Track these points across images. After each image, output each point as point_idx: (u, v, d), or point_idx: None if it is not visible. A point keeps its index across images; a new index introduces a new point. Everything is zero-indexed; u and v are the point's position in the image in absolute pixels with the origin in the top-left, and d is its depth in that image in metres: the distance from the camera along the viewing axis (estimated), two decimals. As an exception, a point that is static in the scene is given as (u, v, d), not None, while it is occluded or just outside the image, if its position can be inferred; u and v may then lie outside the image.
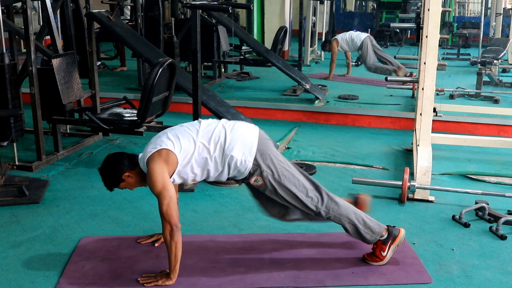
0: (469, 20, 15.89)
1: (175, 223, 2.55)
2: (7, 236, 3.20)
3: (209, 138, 2.68)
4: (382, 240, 2.83)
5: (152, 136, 2.86)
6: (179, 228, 2.57)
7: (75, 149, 4.89)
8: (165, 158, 2.61)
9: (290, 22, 11.59)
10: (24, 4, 4.16)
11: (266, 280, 2.71)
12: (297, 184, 2.73)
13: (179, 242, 2.59)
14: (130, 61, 9.05)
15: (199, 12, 3.94)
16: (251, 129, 2.78)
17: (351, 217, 2.80)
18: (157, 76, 3.87)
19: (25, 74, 4.45)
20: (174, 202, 2.56)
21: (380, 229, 2.82)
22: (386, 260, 2.85)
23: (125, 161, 2.74)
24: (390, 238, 2.83)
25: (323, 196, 2.77)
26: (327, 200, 2.77)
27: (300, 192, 2.73)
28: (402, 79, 6.37)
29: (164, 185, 2.56)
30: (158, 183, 2.56)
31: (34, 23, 4.71)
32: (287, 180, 2.71)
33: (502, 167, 4.63)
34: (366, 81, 8.65)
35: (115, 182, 2.77)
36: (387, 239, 2.83)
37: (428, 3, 3.89)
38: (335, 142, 5.37)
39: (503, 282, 2.73)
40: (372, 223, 2.83)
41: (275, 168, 2.70)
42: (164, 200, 2.55)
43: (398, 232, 2.86)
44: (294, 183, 2.72)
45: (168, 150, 2.62)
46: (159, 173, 2.57)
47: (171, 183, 2.62)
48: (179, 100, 5.95)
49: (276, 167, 2.70)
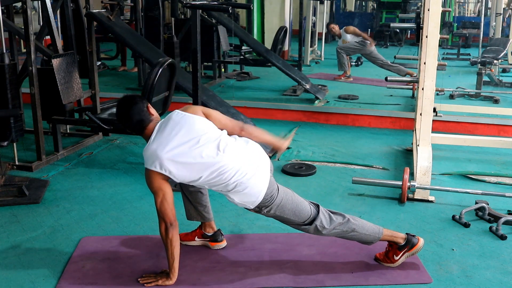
0: (469, 20, 15.89)
1: (170, 220, 2.54)
2: (7, 236, 3.20)
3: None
4: (398, 246, 2.82)
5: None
6: (174, 226, 2.55)
7: (75, 149, 4.89)
8: (160, 178, 2.55)
9: (290, 22, 11.59)
10: (24, 4, 4.16)
11: (266, 280, 2.72)
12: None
13: (175, 239, 2.57)
14: (130, 61, 9.05)
15: (199, 12, 3.94)
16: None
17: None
18: (157, 76, 3.87)
19: (25, 74, 4.46)
20: (168, 200, 2.54)
21: (375, 231, 2.82)
22: (397, 264, 2.85)
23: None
24: (407, 246, 2.82)
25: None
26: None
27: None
28: (402, 79, 6.38)
29: (158, 188, 2.54)
30: (153, 186, 2.55)
31: (34, 23, 4.70)
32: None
33: (502, 167, 4.63)
34: (366, 81, 8.65)
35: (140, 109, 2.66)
36: (404, 246, 2.82)
37: (428, 3, 3.89)
38: (335, 142, 5.37)
39: (503, 282, 2.73)
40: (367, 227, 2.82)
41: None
42: (158, 198, 2.54)
43: (417, 242, 2.83)
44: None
45: (157, 176, 2.55)
46: (153, 181, 2.55)
47: (167, 185, 2.56)
48: (179, 100, 5.93)
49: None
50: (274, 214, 2.69)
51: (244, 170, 2.57)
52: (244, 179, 2.56)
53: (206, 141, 2.56)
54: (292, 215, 2.69)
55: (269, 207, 2.65)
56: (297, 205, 2.70)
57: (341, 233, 2.77)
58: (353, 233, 2.77)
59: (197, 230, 3.09)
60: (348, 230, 2.76)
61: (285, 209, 2.68)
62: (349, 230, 2.76)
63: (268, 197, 2.62)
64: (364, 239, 2.82)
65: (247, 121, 4.74)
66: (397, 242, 2.82)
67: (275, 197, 2.64)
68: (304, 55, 10.07)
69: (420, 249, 2.84)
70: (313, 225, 2.71)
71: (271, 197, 2.63)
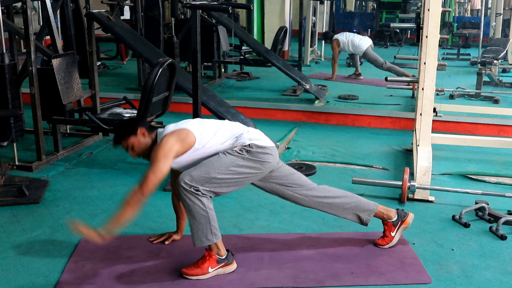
0: (469, 20, 15.89)
1: (144, 192, 2.54)
2: (7, 236, 3.20)
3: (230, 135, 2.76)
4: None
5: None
6: (143, 198, 2.54)
7: (75, 149, 4.90)
8: (183, 137, 2.65)
9: (290, 22, 11.60)
10: (24, 4, 4.16)
11: (265, 280, 2.71)
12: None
13: (133, 205, 2.55)
14: (130, 61, 9.05)
15: (199, 12, 3.94)
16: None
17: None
18: (157, 76, 3.87)
19: (25, 74, 4.46)
20: (160, 176, 2.55)
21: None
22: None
23: (146, 123, 2.85)
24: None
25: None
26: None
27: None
28: (402, 79, 6.38)
29: (165, 156, 2.58)
30: (160, 153, 2.59)
31: (34, 23, 4.71)
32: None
33: (502, 167, 4.63)
34: (366, 81, 8.65)
35: (128, 132, 2.76)
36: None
37: (428, 3, 3.89)
38: (335, 142, 5.37)
39: (503, 282, 2.73)
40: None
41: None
42: (154, 167, 2.56)
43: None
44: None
45: (188, 131, 2.68)
46: (168, 147, 2.60)
47: (170, 161, 2.61)
48: (179, 100, 5.95)
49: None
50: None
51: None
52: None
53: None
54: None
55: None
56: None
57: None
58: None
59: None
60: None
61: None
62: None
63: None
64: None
65: (247, 121, 4.73)
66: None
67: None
68: (304, 55, 10.07)
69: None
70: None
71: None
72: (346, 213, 2.99)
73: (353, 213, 2.99)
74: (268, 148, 2.74)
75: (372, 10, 18.34)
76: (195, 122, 2.81)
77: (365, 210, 2.99)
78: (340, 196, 2.97)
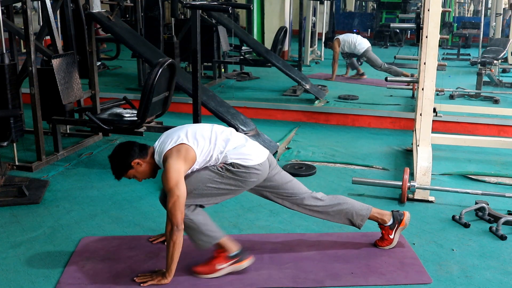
0: (469, 20, 15.89)
1: (177, 223, 2.54)
2: (7, 236, 3.20)
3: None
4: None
5: (152, 136, 2.87)
6: (180, 230, 2.56)
7: (75, 149, 4.89)
8: (184, 155, 2.61)
9: (290, 22, 11.59)
10: (24, 4, 4.16)
11: (265, 280, 2.72)
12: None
13: (178, 243, 2.58)
14: (130, 61, 9.04)
15: (199, 12, 3.94)
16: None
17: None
18: (157, 76, 3.87)
19: (25, 74, 4.46)
20: (181, 202, 2.54)
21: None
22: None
23: (136, 148, 2.74)
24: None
25: None
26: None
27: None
28: (402, 79, 6.38)
29: (177, 183, 2.54)
30: (172, 180, 2.54)
31: (34, 23, 4.70)
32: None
33: (502, 167, 4.63)
34: (366, 81, 8.65)
35: (124, 169, 2.76)
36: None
37: (428, 3, 3.89)
38: (335, 142, 5.37)
39: (503, 282, 2.73)
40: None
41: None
42: (171, 198, 2.54)
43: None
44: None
45: (188, 146, 2.63)
46: (175, 170, 2.56)
47: (184, 183, 2.58)
48: (179, 100, 5.95)
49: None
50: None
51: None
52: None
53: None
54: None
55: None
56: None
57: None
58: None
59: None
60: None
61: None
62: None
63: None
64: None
65: (247, 121, 4.73)
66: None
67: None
68: (304, 55, 10.07)
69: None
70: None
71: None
72: (337, 218, 3.00)
73: (346, 218, 3.00)
74: (253, 168, 2.70)
75: (372, 10, 18.35)
76: (189, 134, 2.69)
77: (358, 215, 2.99)
78: (332, 205, 2.96)
